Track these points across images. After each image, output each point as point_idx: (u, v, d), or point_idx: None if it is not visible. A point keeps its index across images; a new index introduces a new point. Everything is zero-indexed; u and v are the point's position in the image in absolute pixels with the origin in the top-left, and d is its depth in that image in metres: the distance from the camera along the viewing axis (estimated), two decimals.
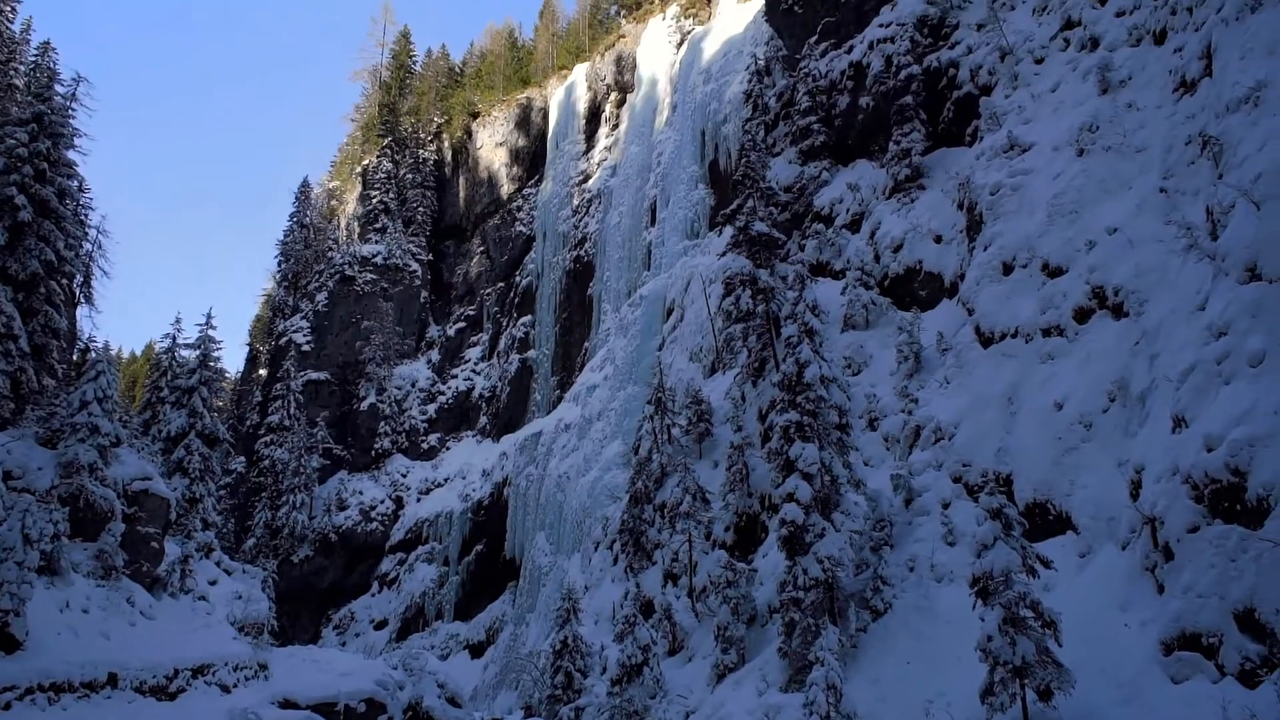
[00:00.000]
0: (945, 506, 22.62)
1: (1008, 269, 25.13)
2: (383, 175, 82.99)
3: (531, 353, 71.91)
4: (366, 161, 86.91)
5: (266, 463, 65.01)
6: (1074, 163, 25.03)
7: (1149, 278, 20.60)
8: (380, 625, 61.84)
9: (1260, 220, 16.05)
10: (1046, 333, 22.94)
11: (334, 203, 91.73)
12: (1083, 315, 22.23)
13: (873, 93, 36.93)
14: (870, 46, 37.65)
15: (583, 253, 70.35)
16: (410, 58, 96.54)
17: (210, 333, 41.17)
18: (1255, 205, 16.30)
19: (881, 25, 37.79)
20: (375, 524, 65.47)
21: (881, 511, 22.54)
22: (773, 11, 48.58)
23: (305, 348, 72.09)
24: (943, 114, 34.60)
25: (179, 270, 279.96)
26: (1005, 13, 33.84)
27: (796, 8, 45.36)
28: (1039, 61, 30.93)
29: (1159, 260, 20.54)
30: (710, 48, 65.45)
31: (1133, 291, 20.85)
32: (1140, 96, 24.93)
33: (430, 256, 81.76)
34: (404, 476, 68.71)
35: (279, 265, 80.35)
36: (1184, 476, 15.06)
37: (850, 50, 39.28)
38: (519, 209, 79.94)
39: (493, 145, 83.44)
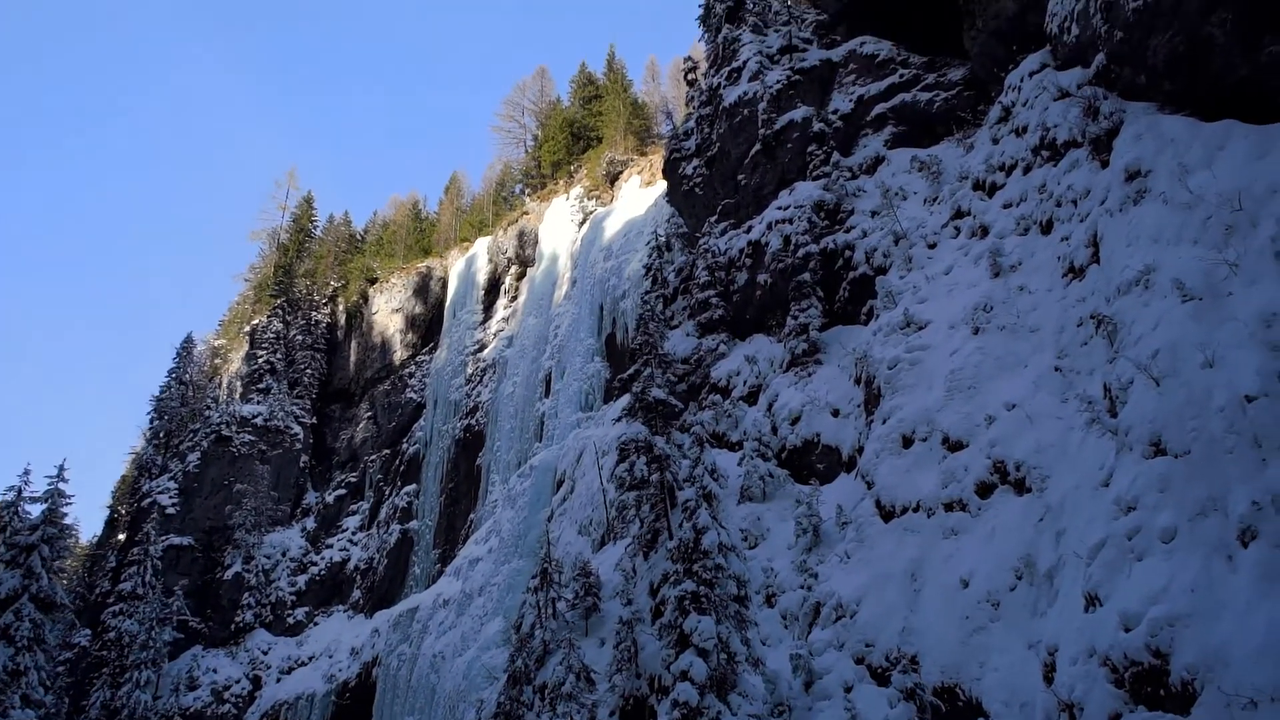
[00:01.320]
0: (848, 690, 21.20)
1: (907, 442, 24.81)
2: (271, 335, 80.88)
3: (414, 523, 68.81)
4: (256, 321, 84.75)
5: (113, 635, 59.20)
6: (970, 340, 25.28)
7: (1049, 453, 20.36)
8: None
9: (1161, 396, 15.97)
10: (949, 507, 22.39)
11: (218, 360, 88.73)
12: (985, 490, 21.80)
13: (771, 270, 37.52)
14: (769, 227, 38.53)
15: (474, 422, 68.80)
16: (311, 222, 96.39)
17: (61, 485, 37.97)
18: (1155, 381, 16.27)
19: (780, 208, 38.81)
20: (228, 706, 59.66)
21: (781, 694, 21.00)
22: (674, 193, 49.96)
23: (170, 510, 67.38)
24: (839, 293, 35.19)
25: (45, 426, 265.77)
26: (898, 201, 35.15)
27: (697, 189, 46.66)
28: (932, 246, 31.88)
29: (1058, 436, 20.38)
30: (612, 227, 66.87)
31: (1034, 467, 20.56)
32: (1031, 280, 25.56)
33: (314, 420, 79.02)
34: (265, 654, 63.40)
35: (151, 422, 76.15)
36: (1102, 658, 14.15)
37: (749, 230, 40.15)
38: (411, 375, 78.49)
39: (389, 311, 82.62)
